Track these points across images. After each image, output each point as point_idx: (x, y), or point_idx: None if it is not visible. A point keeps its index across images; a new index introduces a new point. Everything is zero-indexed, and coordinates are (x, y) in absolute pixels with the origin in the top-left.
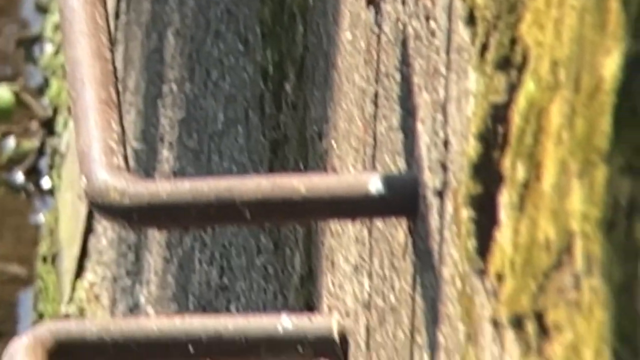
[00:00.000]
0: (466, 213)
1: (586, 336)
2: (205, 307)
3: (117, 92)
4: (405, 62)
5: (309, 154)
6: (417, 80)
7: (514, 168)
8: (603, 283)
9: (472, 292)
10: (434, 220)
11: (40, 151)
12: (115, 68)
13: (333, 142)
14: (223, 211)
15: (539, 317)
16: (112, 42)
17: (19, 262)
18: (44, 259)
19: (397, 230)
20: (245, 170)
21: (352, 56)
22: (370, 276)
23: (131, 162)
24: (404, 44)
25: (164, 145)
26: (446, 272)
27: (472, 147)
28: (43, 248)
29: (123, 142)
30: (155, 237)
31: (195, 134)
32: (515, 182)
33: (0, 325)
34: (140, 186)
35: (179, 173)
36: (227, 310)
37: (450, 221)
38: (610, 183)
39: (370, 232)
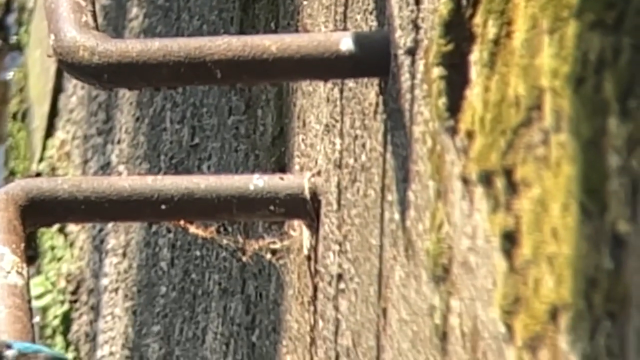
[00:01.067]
0: (437, 71)
1: (554, 191)
2: (176, 167)
3: None
4: None
5: (280, 12)
6: None
7: (485, 25)
8: (571, 138)
9: (442, 150)
10: (405, 79)
11: (8, 6)
12: None
13: (304, 0)
14: (194, 70)
15: (508, 174)
16: None
17: None
18: (14, 116)
19: (368, 90)
20: (216, 29)
21: None
22: (341, 135)
23: (100, 19)
24: None
25: (132, 2)
26: (417, 130)
27: (444, 5)
28: (13, 105)
29: None
30: (126, 96)
31: None
32: (486, 39)
33: None
34: (109, 44)
35: (148, 31)
36: (199, 169)
37: (421, 80)
38: (580, 38)
39: (341, 92)
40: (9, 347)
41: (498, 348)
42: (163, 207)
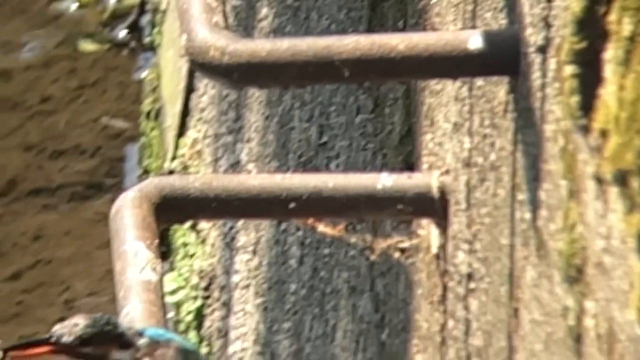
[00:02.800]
0: (569, 69)
1: None
2: (305, 165)
3: None
4: None
5: (408, 11)
6: None
7: (620, 22)
8: None
9: (574, 149)
10: (535, 78)
11: (142, 8)
12: None
13: None
14: (322, 69)
15: None
16: None
17: (123, 117)
18: (148, 115)
19: (497, 88)
20: (344, 28)
21: None
22: (470, 134)
23: (230, 20)
24: None
25: (262, 2)
26: (548, 129)
27: (576, 2)
28: (146, 104)
29: (222, 0)
30: (255, 95)
31: None
32: (621, 36)
33: (108, 179)
34: (239, 44)
35: (277, 31)
36: (327, 168)
37: (552, 78)
38: None
39: (470, 90)
40: (141, 335)
41: (636, 351)
42: (292, 205)
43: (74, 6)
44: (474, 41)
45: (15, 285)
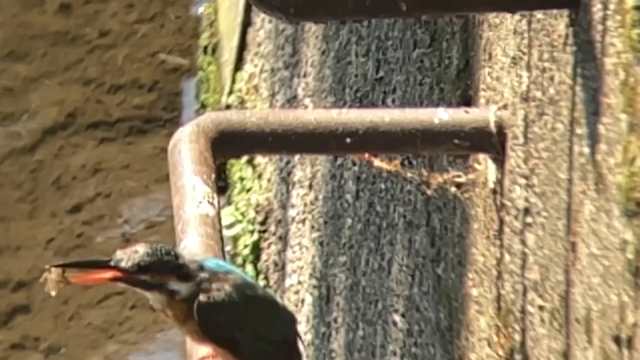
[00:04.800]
0: (631, 1)
1: None
2: (361, 100)
3: None
4: None
5: None
6: None
7: None
8: None
9: (635, 83)
10: (596, 10)
11: None
12: None
13: None
14: (379, 3)
15: None
16: None
17: (180, 52)
18: (205, 50)
19: (557, 21)
20: None
21: None
22: (529, 68)
23: None
24: None
25: None
26: (608, 62)
27: None
28: (203, 39)
29: None
30: (312, 30)
31: None
32: None
33: (166, 114)
34: None
35: None
36: (384, 103)
37: (614, 11)
38: None
39: (529, 24)
40: (201, 268)
41: None
42: (348, 140)
43: None
44: None
45: (75, 217)
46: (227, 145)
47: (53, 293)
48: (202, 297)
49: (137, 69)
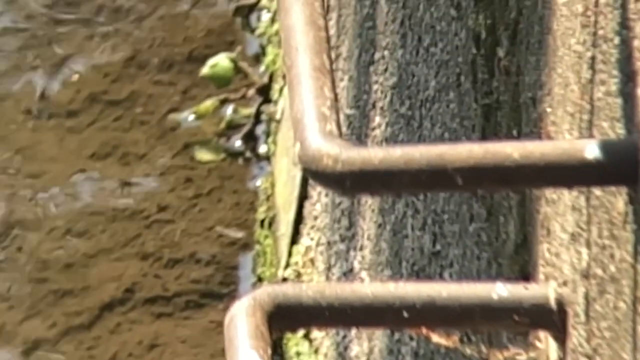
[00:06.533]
0: None
1: None
2: (418, 273)
3: (330, 59)
4: (624, 25)
5: (522, 120)
6: (637, 43)
7: None
8: None
9: None
10: None
11: (257, 118)
12: (328, 35)
13: (548, 107)
14: (435, 177)
15: None
16: (326, 9)
17: (238, 226)
18: (262, 224)
19: (616, 198)
20: (457, 137)
21: (568, 20)
22: (588, 245)
23: (344, 128)
24: (624, 6)
25: (375, 111)
26: None
27: None
28: (260, 213)
29: (336, 108)
30: (368, 203)
31: (407, 101)
32: None
33: (222, 288)
34: (352, 152)
35: (390, 139)
36: (440, 277)
37: None
38: None
39: (587, 200)
40: None
41: None
42: (405, 314)
43: (191, 117)
44: (591, 150)
45: None
46: (284, 319)
47: None
48: None
49: (195, 243)
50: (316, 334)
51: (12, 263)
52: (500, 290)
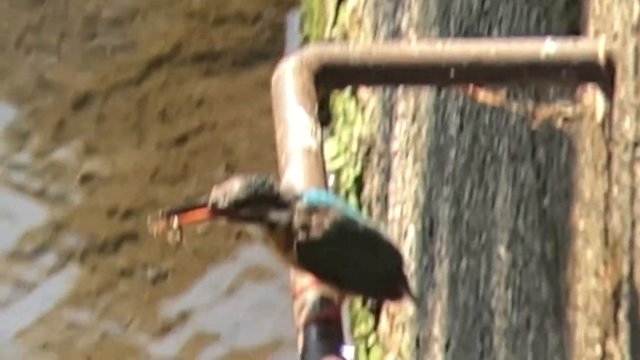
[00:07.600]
0: None
1: None
2: (466, 32)
3: None
4: None
5: None
6: None
7: None
8: None
9: None
10: None
11: None
12: None
13: None
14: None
15: None
16: None
17: None
18: None
19: None
20: None
21: None
22: None
23: None
24: None
25: None
26: None
27: None
28: None
29: None
30: None
31: None
32: None
33: (269, 46)
34: None
35: None
36: (489, 34)
37: None
38: None
39: None
40: (299, 198)
41: None
42: (452, 72)
43: None
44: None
45: (180, 148)
46: (330, 78)
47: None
48: (301, 236)
49: (242, 1)
50: (363, 92)
51: (61, 19)
52: (549, 46)
